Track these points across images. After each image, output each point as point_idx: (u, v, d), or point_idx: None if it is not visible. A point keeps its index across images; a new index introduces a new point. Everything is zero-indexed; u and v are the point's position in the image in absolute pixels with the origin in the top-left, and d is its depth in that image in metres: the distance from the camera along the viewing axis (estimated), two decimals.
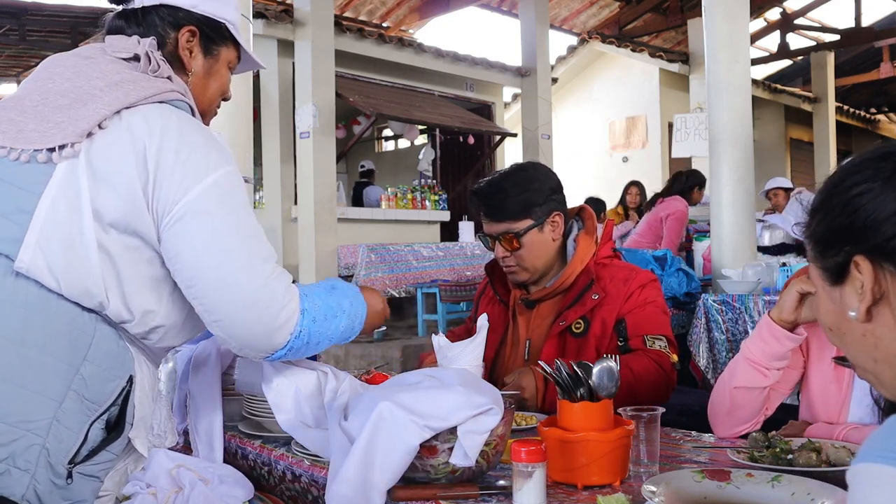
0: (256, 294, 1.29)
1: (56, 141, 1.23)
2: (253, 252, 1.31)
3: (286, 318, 1.32)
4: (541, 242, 2.08)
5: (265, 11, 7.40)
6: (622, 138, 12.44)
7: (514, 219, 2.05)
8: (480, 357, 1.89)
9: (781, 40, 12.87)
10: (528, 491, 1.14)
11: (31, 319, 1.21)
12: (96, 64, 1.35)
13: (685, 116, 8.13)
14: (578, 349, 2.00)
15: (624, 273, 2.08)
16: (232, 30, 1.51)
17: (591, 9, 12.62)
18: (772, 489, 1.19)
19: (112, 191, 1.24)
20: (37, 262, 1.21)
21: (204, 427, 1.60)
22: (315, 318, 1.36)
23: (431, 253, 7.51)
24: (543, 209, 2.07)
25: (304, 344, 1.36)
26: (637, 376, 1.88)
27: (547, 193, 2.08)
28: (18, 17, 8.81)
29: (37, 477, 1.17)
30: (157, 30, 1.43)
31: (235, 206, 1.31)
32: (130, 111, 1.28)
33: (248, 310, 1.28)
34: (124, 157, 1.25)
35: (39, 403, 1.18)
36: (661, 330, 2.01)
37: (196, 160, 1.28)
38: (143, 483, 1.42)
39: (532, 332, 2.13)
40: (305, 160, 7.23)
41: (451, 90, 9.97)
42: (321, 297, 1.40)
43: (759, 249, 5.97)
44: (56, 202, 1.23)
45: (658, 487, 1.18)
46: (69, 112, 1.27)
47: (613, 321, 2.00)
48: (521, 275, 2.11)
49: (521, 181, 2.08)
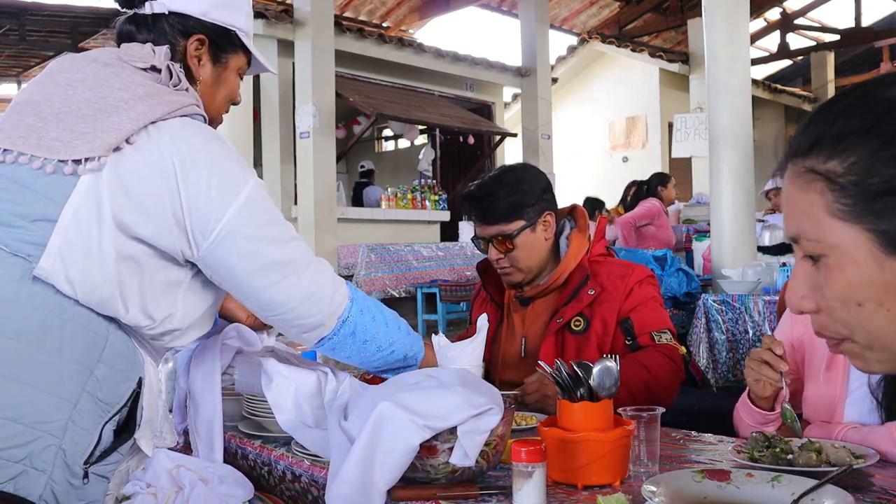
0: (307, 290, 1.36)
1: (82, 153, 1.23)
2: (295, 253, 1.36)
3: (339, 303, 1.40)
4: (533, 242, 2.08)
5: (265, 11, 7.40)
6: (622, 138, 12.44)
7: (506, 221, 2.06)
8: (480, 357, 1.89)
9: (781, 40, 12.88)
10: (528, 491, 1.14)
11: (48, 323, 1.21)
12: (118, 74, 1.34)
13: (685, 116, 8.14)
14: (579, 347, 2.00)
15: (620, 269, 2.09)
16: (243, 37, 1.50)
17: (591, 9, 12.62)
18: (772, 489, 1.19)
19: (141, 211, 1.24)
20: (56, 270, 1.21)
21: (204, 427, 1.60)
22: (363, 310, 1.44)
23: (431, 253, 7.51)
24: (535, 209, 2.07)
25: (351, 333, 1.43)
26: (653, 374, 1.91)
27: (537, 194, 2.09)
28: (18, 17, 8.81)
29: (54, 477, 1.18)
30: (168, 37, 1.42)
31: (271, 215, 1.35)
32: (157, 127, 1.28)
33: (300, 305, 1.36)
34: (154, 177, 1.25)
35: (55, 405, 1.19)
36: (665, 324, 2.04)
37: (227, 177, 1.30)
38: (143, 483, 1.42)
39: (528, 329, 2.13)
40: (305, 160, 7.23)
41: (451, 90, 9.97)
42: (371, 302, 1.49)
43: (759, 249, 5.98)
44: (79, 212, 1.23)
45: (658, 487, 1.18)
46: (93, 123, 1.26)
47: (615, 319, 2.01)
48: (515, 276, 2.11)
49: (511, 183, 2.08)
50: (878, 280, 0.70)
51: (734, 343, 4.67)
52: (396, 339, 1.51)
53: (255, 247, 1.32)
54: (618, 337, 2.00)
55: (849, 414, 1.56)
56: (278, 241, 1.35)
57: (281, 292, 1.35)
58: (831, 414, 1.58)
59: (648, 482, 1.20)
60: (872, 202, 0.69)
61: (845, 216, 0.70)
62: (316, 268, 1.39)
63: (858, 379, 1.56)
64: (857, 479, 1.28)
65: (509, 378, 2.08)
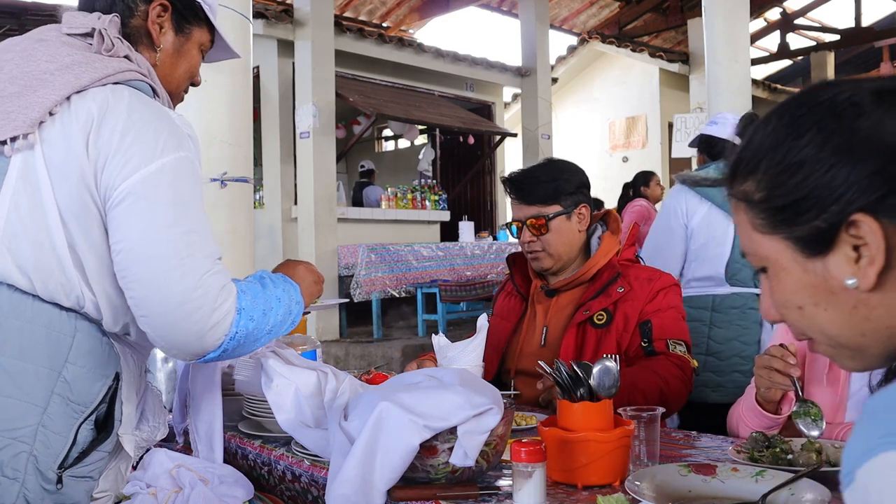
0: (187, 294, 1.20)
1: (7, 133, 1.18)
2: (191, 247, 1.22)
3: (219, 319, 1.23)
4: (567, 230, 2.14)
5: (265, 11, 7.40)
6: (622, 138, 12.44)
7: (544, 203, 2.13)
8: (480, 357, 1.89)
9: (781, 40, 12.87)
10: (528, 491, 1.14)
11: (5, 325, 1.18)
12: (47, 46, 1.28)
13: (685, 116, 8.13)
14: (598, 341, 2.02)
15: (648, 273, 2.13)
16: (207, 11, 1.47)
17: (591, 9, 12.62)
18: (755, 484, 1.21)
19: (66, 181, 1.20)
20: (5, 264, 1.18)
21: (204, 427, 1.59)
22: (252, 317, 1.29)
23: (431, 253, 7.51)
24: (572, 199, 2.14)
25: (240, 344, 1.29)
26: (665, 380, 1.92)
27: (576, 185, 2.17)
28: (18, 17, 8.81)
29: (26, 485, 1.16)
30: (128, 2, 1.37)
31: (180, 196, 1.23)
32: (80, 95, 1.22)
33: (176, 309, 1.20)
34: (74, 143, 1.20)
35: (23, 410, 1.16)
36: (682, 335, 2.06)
37: (144, 143, 1.22)
38: (143, 483, 1.42)
39: (550, 320, 2.16)
40: (305, 160, 7.23)
41: (451, 90, 9.97)
42: (257, 293, 1.32)
43: None
44: (17, 198, 1.19)
45: (643, 482, 1.19)
46: (18, 101, 1.21)
47: (636, 318, 2.03)
48: (545, 261, 2.15)
49: (553, 171, 2.17)
50: (805, 282, 0.75)
51: None
52: (281, 313, 1.36)
53: (149, 221, 1.20)
54: (635, 337, 2.02)
55: (850, 414, 1.57)
56: (178, 225, 1.22)
57: (158, 285, 1.19)
58: (834, 415, 1.58)
59: (634, 476, 1.22)
60: (780, 213, 0.75)
61: (765, 229, 0.77)
62: (211, 271, 1.23)
63: (860, 380, 1.56)
64: None
65: (525, 367, 2.09)
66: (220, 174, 2.80)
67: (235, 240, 2.87)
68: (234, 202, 2.90)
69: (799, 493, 1.14)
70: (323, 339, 6.65)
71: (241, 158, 2.93)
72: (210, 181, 2.80)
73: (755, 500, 1.14)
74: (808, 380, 1.66)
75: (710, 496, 1.20)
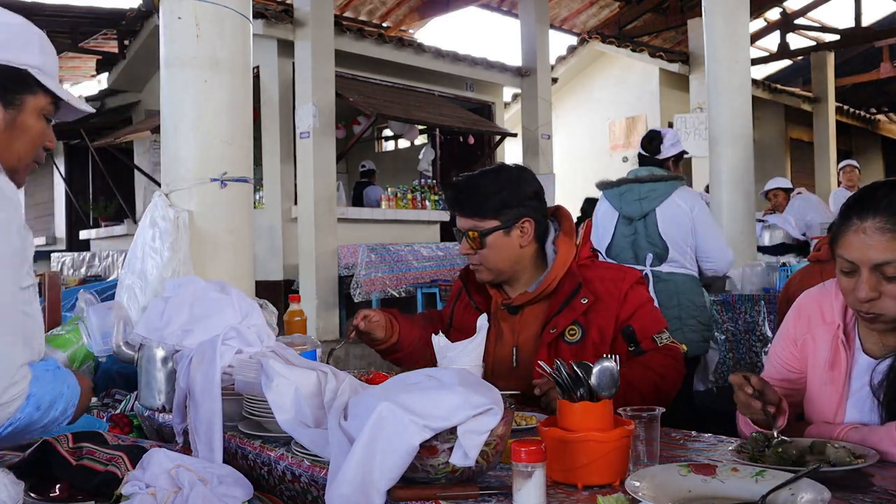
0: None
1: None
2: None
3: (10, 399, 1.24)
4: (505, 246, 2.02)
5: (265, 11, 7.40)
6: (622, 138, 12.44)
7: (481, 217, 2.01)
8: (480, 357, 1.89)
9: (781, 40, 12.87)
10: (528, 491, 1.14)
11: None
12: None
13: (685, 116, 8.13)
14: (575, 356, 1.94)
15: (611, 273, 2.06)
16: (37, 75, 1.39)
17: (591, 9, 12.62)
18: (755, 484, 1.21)
19: None
20: None
21: (204, 427, 1.59)
22: (39, 406, 1.30)
23: (431, 253, 7.51)
24: (513, 213, 2.01)
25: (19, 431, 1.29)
26: (661, 375, 1.92)
27: (521, 198, 2.03)
28: None
29: None
30: None
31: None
32: None
33: None
34: None
35: None
36: (661, 324, 2.05)
37: None
38: (142, 483, 1.41)
39: (518, 337, 2.08)
40: (305, 160, 7.22)
41: (451, 90, 9.96)
42: (48, 382, 1.32)
43: (759, 249, 5.98)
44: None
45: (642, 482, 1.19)
46: None
47: (612, 327, 1.98)
48: (483, 274, 2.07)
49: (497, 182, 2.03)
50: None
51: (734, 343, 4.67)
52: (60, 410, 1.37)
53: None
54: (620, 344, 1.99)
55: (850, 413, 1.56)
56: None
57: None
58: (833, 413, 1.58)
59: (633, 476, 1.22)
60: None
61: None
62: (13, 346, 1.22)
63: (860, 378, 1.56)
64: (856, 479, 1.28)
65: (499, 387, 2.05)
66: (220, 174, 2.80)
67: (235, 240, 2.87)
68: (234, 202, 2.89)
69: (799, 493, 1.14)
70: (323, 339, 6.65)
71: (241, 158, 2.93)
72: (210, 181, 2.80)
73: (755, 500, 1.15)
74: (811, 378, 1.65)
75: (710, 496, 1.20)
